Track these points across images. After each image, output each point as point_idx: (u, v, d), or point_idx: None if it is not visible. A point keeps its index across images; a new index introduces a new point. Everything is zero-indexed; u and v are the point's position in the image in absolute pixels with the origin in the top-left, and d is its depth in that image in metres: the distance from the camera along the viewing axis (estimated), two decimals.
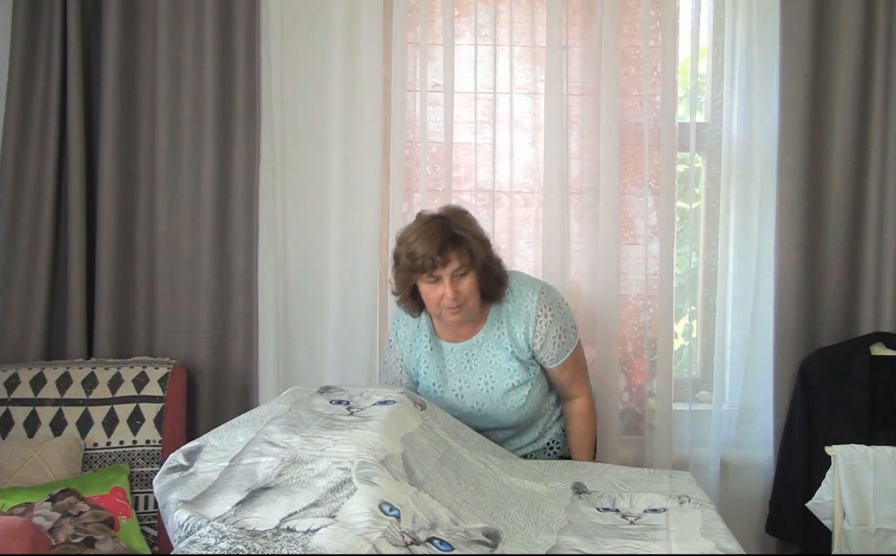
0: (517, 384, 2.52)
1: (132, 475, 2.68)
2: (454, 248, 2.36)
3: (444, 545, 1.77)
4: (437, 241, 2.35)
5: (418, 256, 2.35)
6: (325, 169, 3.10)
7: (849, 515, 2.62)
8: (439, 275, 2.37)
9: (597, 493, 2.22)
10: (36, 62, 2.95)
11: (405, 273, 2.42)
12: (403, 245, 2.41)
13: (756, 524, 3.10)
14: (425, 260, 2.34)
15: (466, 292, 2.39)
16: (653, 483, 2.30)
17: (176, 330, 3.04)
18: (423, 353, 2.57)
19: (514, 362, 2.52)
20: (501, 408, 2.54)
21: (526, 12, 3.14)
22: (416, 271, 2.38)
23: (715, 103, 3.19)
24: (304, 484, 1.87)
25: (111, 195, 2.98)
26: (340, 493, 1.82)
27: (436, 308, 2.43)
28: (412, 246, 2.37)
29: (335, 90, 3.08)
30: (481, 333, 2.53)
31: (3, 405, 2.71)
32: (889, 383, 2.92)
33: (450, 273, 2.36)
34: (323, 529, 1.71)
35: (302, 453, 1.96)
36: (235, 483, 1.91)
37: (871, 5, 2.99)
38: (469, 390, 2.54)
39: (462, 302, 2.39)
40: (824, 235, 3.05)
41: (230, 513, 1.80)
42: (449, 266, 2.36)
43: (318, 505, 1.80)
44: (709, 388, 3.21)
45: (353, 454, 1.93)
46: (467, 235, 2.39)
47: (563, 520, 2.05)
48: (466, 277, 2.38)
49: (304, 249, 3.13)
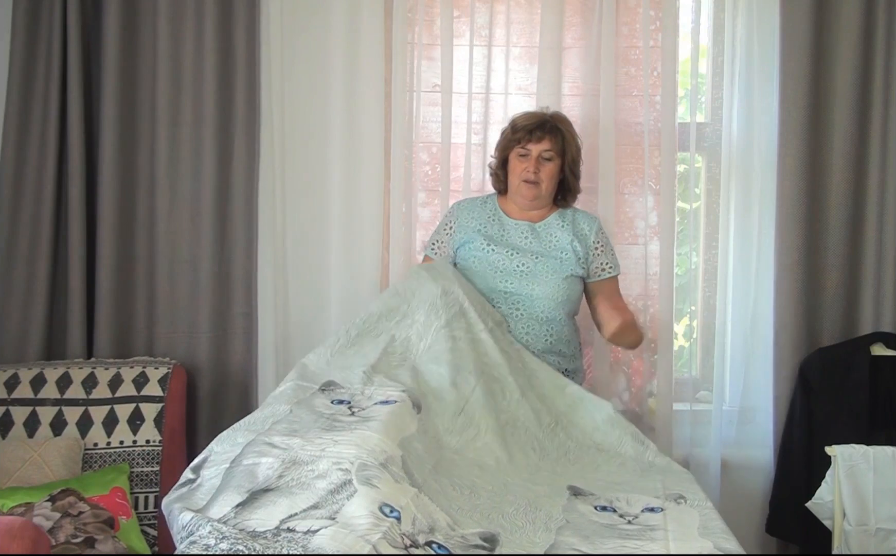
0: (562, 272, 2.71)
1: (132, 475, 2.68)
2: (550, 133, 2.72)
3: (443, 549, 1.77)
4: (539, 121, 2.74)
5: (519, 127, 2.73)
6: (325, 169, 3.11)
7: (849, 515, 2.62)
8: (530, 149, 2.71)
9: (593, 496, 2.22)
10: (36, 62, 2.96)
11: (504, 141, 2.79)
12: (511, 122, 2.80)
13: (756, 524, 3.10)
14: (523, 132, 2.72)
15: (547, 173, 2.72)
16: (647, 484, 2.30)
17: (176, 330, 3.04)
18: (483, 221, 2.79)
19: (570, 253, 2.74)
20: (542, 282, 2.68)
21: (526, 13, 3.14)
22: (513, 142, 2.74)
23: (715, 103, 3.20)
24: (305, 486, 1.87)
25: (111, 195, 2.98)
26: (341, 494, 1.82)
27: (516, 180, 2.74)
28: (517, 120, 2.77)
29: (335, 90, 3.08)
30: (548, 219, 2.79)
31: (3, 405, 2.71)
32: (889, 383, 2.92)
33: (539, 152, 2.71)
34: (323, 530, 1.71)
35: (302, 454, 1.95)
36: (236, 483, 1.90)
37: (871, 5, 3.00)
38: (520, 254, 2.72)
39: (540, 181, 2.71)
40: (824, 235, 3.06)
41: (230, 515, 1.79)
42: (540, 145, 2.71)
43: (319, 507, 1.80)
44: (709, 388, 3.21)
45: (354, 455, 1.92)
46: (566, 132, 2.76)
47: (560, 519, 2.05)
48: (551, 162, 2.73)
49: (304, 249, 3.13)
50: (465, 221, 2.81)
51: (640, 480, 2.34)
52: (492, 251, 2.72)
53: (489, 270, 2.70)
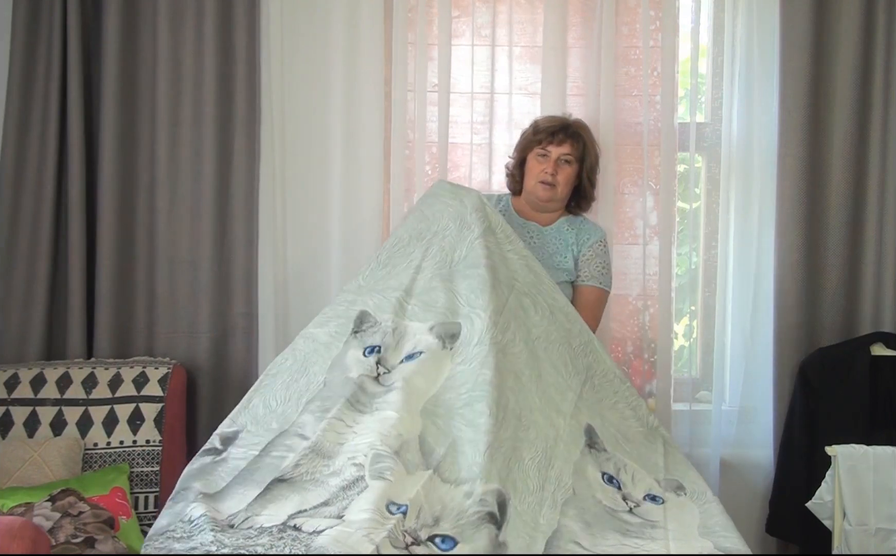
0: (557, 278, 2.71)
1: (132, 475, 2.68)
2: (571, 137, 2.75)
3: (446, 543, 1.79)
4: (561, 124, 2.77)
5: (541, 128, 2.76)
6: (325, 169, 3.11)
7: (849, 515, 2.62)
8: (550, 151, 2.73)
9: (605, 453, 2.26)
10: (36, 62, 2.96)
11: (525, 142, 2.81)
12: (533, 123, 2.82)
13: (756, 524, 3.10)
14: (545, 134, 2.74)
15: (564, 177, 2.74)
16: (649, 455, 2.34)
17: (176, 330, 3.04)
18: None
19: (570, 260, 2.79)
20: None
21: (526, 13, 3.14)
22: (534, 143, 2.76)
23: (715, 103, 3.19)
24: (318, 482, 1.92)
25: (111, 195, 2.98)
26: (351, 491, 1.86)
27: (532, 180, 2.75)
28: (540, 122, 2.80)
29: (335, 90, 3.08)
30: (557, 223, 2.82)
31: (3, 405, 2.71)
32: (889, 383, 2.92)
33: (559, 154, 2.73)
34: (328, 530, 1.74)
35: (325, 444, 2.01)
36: (259, 478, 1.95)
37: (871, 5, 3.00)
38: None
39: (557, 183, 2.73)
40: (824, 235, 3.06)
41: (242, 511, 1.82)
42: (561, 148, 2.73)
43: (329, 504, 1.84)
44: (709, 388, 3.21)
45: (369, 445, 1.96)
46: (587, 139, 2.79)
47: (568, 486, 2.09)
48: (570, 166, 2.75)
49: (304, 250, 3.13)
50: None
51: (645, 445, 2.39)
52: None
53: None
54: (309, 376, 2.29)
